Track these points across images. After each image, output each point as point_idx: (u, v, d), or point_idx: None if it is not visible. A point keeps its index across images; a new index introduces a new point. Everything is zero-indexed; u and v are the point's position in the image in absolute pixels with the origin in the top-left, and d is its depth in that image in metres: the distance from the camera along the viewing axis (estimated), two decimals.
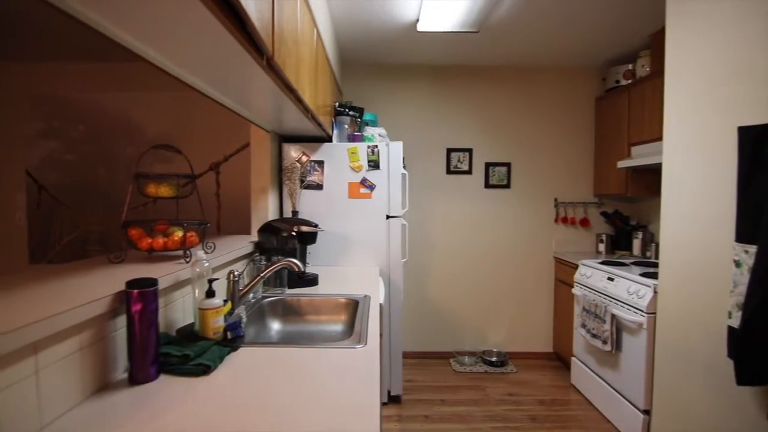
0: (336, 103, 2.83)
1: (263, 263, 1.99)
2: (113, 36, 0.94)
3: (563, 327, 3.33)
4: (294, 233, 2.17)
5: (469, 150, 3.55)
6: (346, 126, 2.78)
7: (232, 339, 1.25)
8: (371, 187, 2.67)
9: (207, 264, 1.29)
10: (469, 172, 3.56)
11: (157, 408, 0.89)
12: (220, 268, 1.68)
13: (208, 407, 0.89)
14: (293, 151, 2.65)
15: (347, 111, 2.81)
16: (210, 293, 1.24)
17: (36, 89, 3.30)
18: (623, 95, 3.05)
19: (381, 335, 1.89)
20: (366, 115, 2.97)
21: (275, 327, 1.78)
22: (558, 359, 3.52)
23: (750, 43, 1.58)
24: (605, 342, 2.49)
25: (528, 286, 3.60)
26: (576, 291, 2.91)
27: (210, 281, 1.24)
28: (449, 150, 3.55)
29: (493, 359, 3.39)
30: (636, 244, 3.18)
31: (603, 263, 2.79)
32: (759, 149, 1.47)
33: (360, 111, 2.86)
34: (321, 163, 2.66)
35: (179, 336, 1.24)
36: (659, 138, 2.27)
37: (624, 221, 3.36)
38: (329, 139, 2.74)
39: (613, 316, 2.44)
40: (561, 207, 3.58)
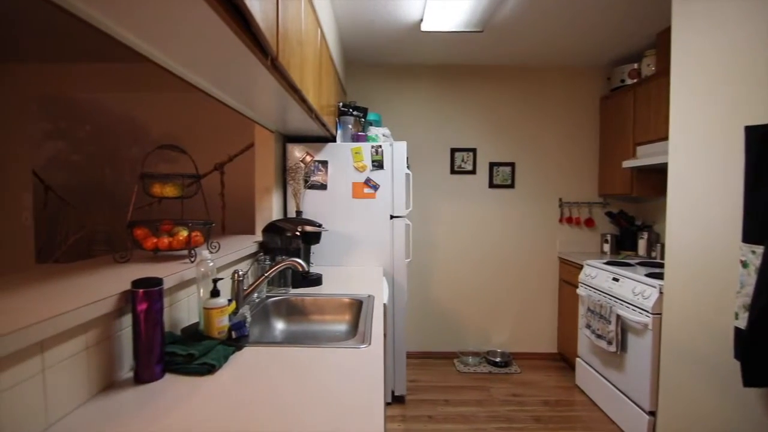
0: (340, 103, 2.83)
1: (267, 263, 1.99)
2: (117, 36, 0.94)
3: (568, 327, 3.32)
4: (298, 233, 2.17)
5: (473, 150, 3.55)
6: (350, 126, 2.78)
7: (236, 338, 1.25)
8: (375, 187, 2.67)
9: (212, 264, 1.29)
10: (473, 172, 3.56)
11: (163, 407, 0.89)
12: (224, 267, 1.68)
13: (213, 406, 0.89)
14: (297, 151, 2.66)
15: (351, 111, 2.81)
16: (215, 293, 1.24)
17: (42, 90, 3.33)
18: (628, 95, 3.03)
19: (385, 335, 1.89)
20: (370, 115, 2.97)
21: (279, 327, 1.78)
22: (562, 360, 3.50)
23: (756, 43, 1.56)
24: (610, 343, 2.48)
25: (532, 286, 3.59)
26: (581, 291, 2.90)
27: (215, 281, 1.25)
28: (453, 150, 3.55)
29: (497, 360, 3.38)
30: (641, 244, 3.16)
31: (608, 263, 2.77)
32: (766, 149, 1.46)
33: (364, 111, 2.86)
34: (325, 163, 2.67)
35: (184, 335, 1.24)
36: (665, 137, 2.26)
37: (629, 221, 3.34)
38: (333, 139, 2.74)
39: (618, 316, 2.43)
40: (565, 207, 3.56)
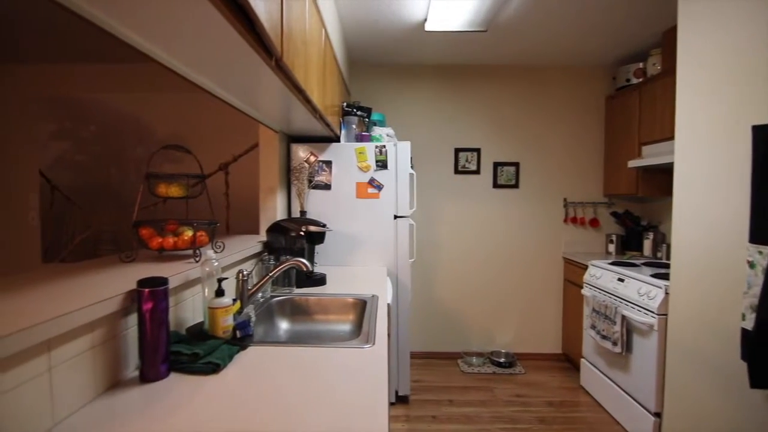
0: (344, 104, 2.83)
1: (272, 263, 2.00)
2: (122, 36, 0.95)
3: (572, 328, 3.30)
4: (302, 233, 2.18)
5: (478, 150, 3.54)
6: (354, 126, 2.79)
7: (241, 338, 1.25)
8: (379, 187, 2.67)
9: (216, 263, 1.30)
10: (477, 171, 3.55)
11: (168, 406, 0.90)
12: (229, 267, 1.69)
13: (217, 406, 0.90)
14: (301, 152, 2.67)
15: (355, 111, 2.81)
16: (219, 292, 1.25)
17: (48, 90, 3.36)
18: (634, 94, 3.02)
19: (389, 335, 1.89)
20: (374, 115, 2.97)
21: (284, 326, 1.79)
22: (567, 361, 3.49)
23: (761, 43, 1.55)
24: (615, 343, 2.46)
25: (537, 286, 3.58)
26: (585, 292, 2.89)
27: (219, 280, 1.25)
28: (457, 150, 3.54)
29: (501, 360, 3.37)
30: (647, 244, 3.14)
31: (613, 264, 2.76)
32: None
33: (368, 111, 2.87)
34: (329, 163, 2.67)
35: (189, 335, 1.25)
36: (671, 137, 2.24)
37: (635, 221, 3.32)
38: (337, 140, 2.75)
39: (624, 317, 2.41)
40: (570, 207, 3.55)
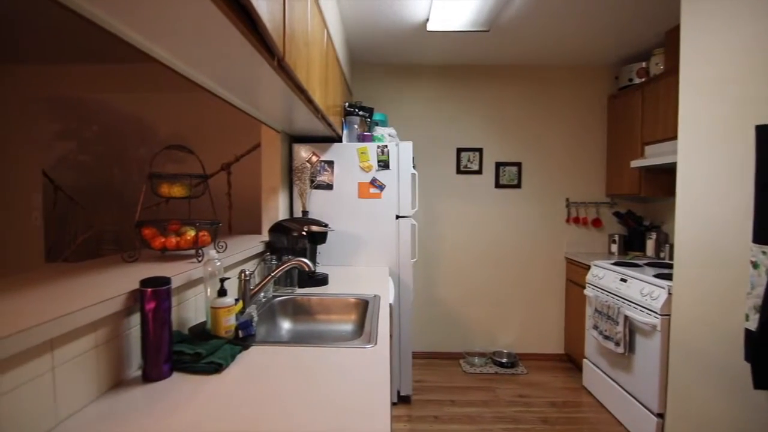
0: (346, 104, 2.83)
1: (274, 263, 2.00)
2: (124, 36, 0.95)
3: (575, 328, 3.30)
4: (304, 233, 2.18)
5: (480, 150, 3.53)
6: (355, 126, 2.79)
7: (243, 338, 1.26)
8: (381, 187, 2.67)
9: (219, 263, 1.30)
10: (480, 171, 3.54)
11: (170, 405, 0.90)
12: (231, 267, 1.69)
13: (219, 406, 0.90)
14: (303, 152, 2.67)
15: (357, 111, 2.81)
16: (222, 292, 1.25)
17: (51, 91, 3.37)
18: (637, 93, 3.01)
19: (391, 335, 1.89)
20: (376, 115, 2.97)
21: (286, 326, 1.79)
22: (569, 361, 3.48)
23: (766, 42, 1.54)
24: (618, 344, 2.46)
25: (539, 286, 3.57)
26: (588, 292, 2.88)
27: (222, 280, 1.26)
28: (459, 150, 3.54)
29: (504, 360, 3.36)
30: (649, 244, 3.13)
31: (616, 264, 2.75)
32: None
33: (370, 111, 2.86)
34: (331, 163, 2.67)
35: (191, 334, 1.25)
36: (674, 137, 2.23)
37: (637, 222, 3.31)
38: (339, 140, 2.75)
39: (626, 317, 2.40)
40: (572, 207, 3.54)
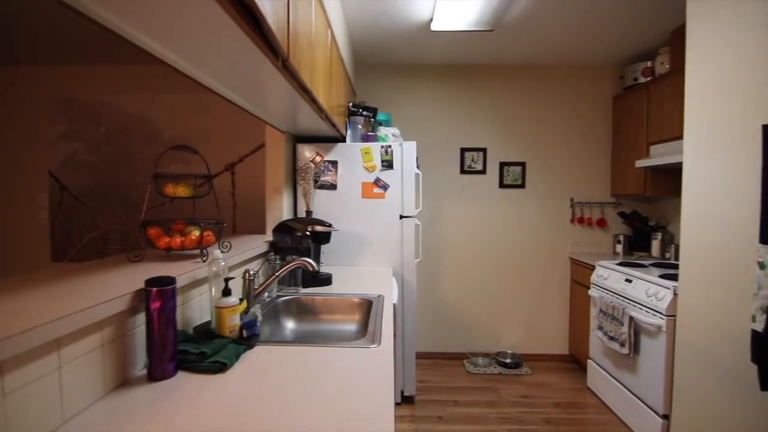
0: (350, 104, 2.84)
1: (278, 262, 2.01)
2: (129, 37, 0.95)
3: (579, 329, 3.28)
4: (308, 233, 2.18)
5: (483, 149, 3.53)
6: (359, 126, 2.79)
7: (247, 337, 1.26)
8: (385, 187, 2.67)
9: (223, 263, 1.30)
10: (483, 171, 3.53)
11: (175, 404, 0.90)
12: (235, 267, 1.70)
13: (224, 405, 0.90)
14: (307, 152, 2.67)
15: (361, 111, 2.81)
16: (226, 292, 1.25)
17: (57, 92, 3.39)
18: (642, 93, 2.99)
19: (394, 335, 1.89)
20: (379, 115, 2.97)
21: (290, 326, 1.79)
22: (574, 362, 3.46)
23: None
24: (623, 345, 2.45)
25: (543, 287, 3.56)
26: (593, 292, 2.87)
27: (226, 280, 1.26)
28: (463, 150, 3.53)
29: (507, 361, 3.35)
30: (655, 245, 3.11)
31: (620, 264, 2.74)
32: None
33: (373, 111, 2.87)
34: (335, 164, 2.67)
35: (196, 334, 1.25)
36: (679, 136, 2.22)
37: (642, 222, 3.29)
38: (343, 140, 2.75)
39: (631, 318, 2.39)
40: (577, 207, 3.53)
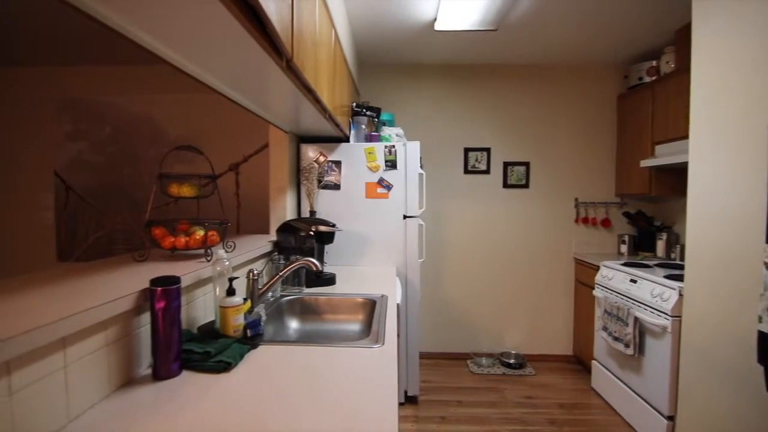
0: (353, 104, 2.84)
1: (282, 262, 2.01)
2: (134, 37, 0.96)
3: (583, 329, 3.27)
4: (312, 233, 2.19)
5: (487, 149, 3.52)
6: (363, 126, 2.79)
7: (251, 337, 1.26)
8: (388, 187, 2.67)
9: (227, 263, 1.31)
10: (487, 171, 3.53)
11: (180, 404, 0.91)
12: (239, 266, 1.70)
13: (228, 404, 0.90)
14: (311, 152, 2.68)
15: (364, 111, 2.81)
16: (230, 291, 1.26)
17: (62, 92, 3.41)
18: (647, 92, 2.97)
19: (398, 335, 1.89)
20: (383, 115, 2.97)
21: (293, 326, 1.80)
22: (578, 362, 3.45)
23: None
24: (628, 345, 2.43)
25: (547, 287, 3.54)
26: (597, 293, 2.86)
27: (230, 280, 1.26)
28: (467, 149, 3.52)
29: (511, 361, 3.35)
30: (660, 245, 3.09)
31: (625, 265, 2.72)
32: None
33: (377, 111, 2.87)
34: (338, 164, 2.68)
35: (200, 333, 1.26)
36: (685, 136, 2.21)
37: (647, 222, 3.27)
38: (347, 140, 2.75)
39: (636, 319, 2.38)
40: (581, 207, 3.51)
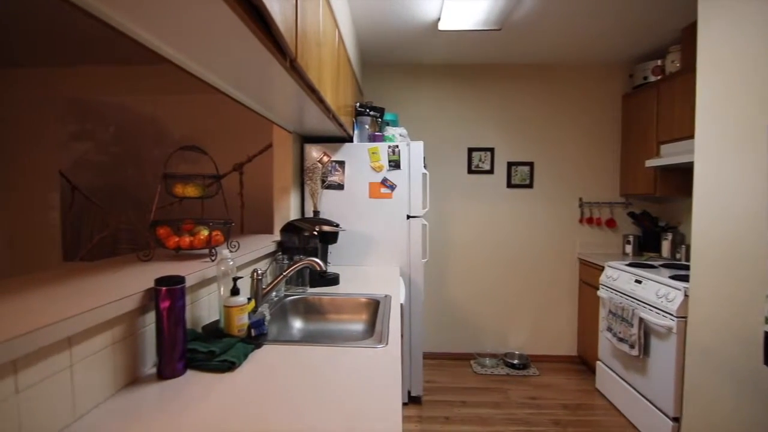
0: (357, 104, 2.84)
1: (285, 262, 2.02)
2: (138, 37, 0.96)
3: (588, 330, 3.25)
4: (315, 233, 2.19)
5: (491, 149, 3.51)
6: (366, 126, 2.79)
7: (255, 336, 1.26)
8: (392, 187, 2.67)
9: (231, 262, 1.31)
10: (491, 171, 3.52)
11: (185, 403, 0.91)
12: (244, 266, 1.71)
13: (232, 404, 0.91)
14: (315, 152, 2.68)
15: (368, 111, 2.81)
16: (235, 291, 1.26)
17: (68, 93, 3.43)
18: (652, 92, 2.96)
19: (402, 335, 1.89)
20: (387, 115, 2.97)
21: (297, 325, 1.80)
22: (582, 363, 3.44)
23: None
24: (632, 346, 2.42)
25: (551, 287, 3.53)
26: (601, 293, 2.84)
27: (234, 279, 1.27)
28: (470, 149, 3.52)
29: (515, 362, 3.34)
30: (665, 245, 3.07)
31: (630, 265, 2.71)
32: None
33: (381, 111, 2.87)
34: (342, 164, 2.68)
35: (205, 333, 1.26)
36: (690, 136, 2.20)
37: (653, 222, 3.26)
38: (350, 140, 2.75)
39: (641, 319, 2.37)
40: (586, 207, 3.50)
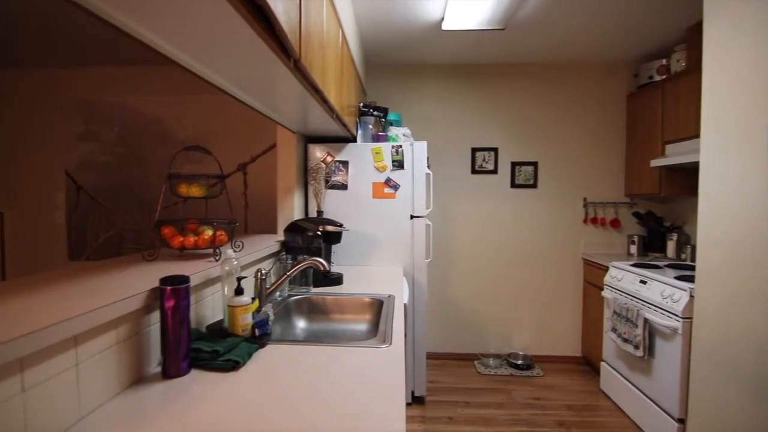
0: (360, 104, 2.84)
1: (289, 262, 2.02)
2: (142, 38, 0.97)
3: (592, 331, 3.24)
4: (319, 233, 2.19)
5: (495, 149, 3.50)
6: (370, 126, 2.79)
7: (259, 336, 1.27)
8: (395, 187, 2.67)
9: (236, 262, 1.31)
10: (495, 171, 3.51)
11: (189, 402, 0.91)
12: (248, 266, 1.71)
13: (236, 403, 0.91)
14: (318, 152, 2.68)
15: (371, 111, 2.82)
16: (239, 291, 1.26)
17: (73, 93, 3.46)
18: (657, 91, 2.94)
19: (405, 335, 1.89)
20: (390, 115, 2.97)
21: (301, 325, 1.80)
22: (586, 364, 3.42)
23: None
24: (637, 347, 2.41)
25: (555, 288, 3.52)
26: (606, 294, 2.83)
27: (239, 279, 1.27)
28: (474, 149, 3.51)
29: (519, 362, 3.33)
30: (670, 245, 3.06)
31: (635, 265, 2.70)
32: None
33: (384, 111, 2.87)
34: (345, 164, 2.68)
35: (209, 332, 1.27)
36: (696, 135, 2.18)
37: (658, 222, 3.24)
38: (354, 140, 2.76)
39: (646, 320, 2.35)
40: (590, 207, 3.48)
